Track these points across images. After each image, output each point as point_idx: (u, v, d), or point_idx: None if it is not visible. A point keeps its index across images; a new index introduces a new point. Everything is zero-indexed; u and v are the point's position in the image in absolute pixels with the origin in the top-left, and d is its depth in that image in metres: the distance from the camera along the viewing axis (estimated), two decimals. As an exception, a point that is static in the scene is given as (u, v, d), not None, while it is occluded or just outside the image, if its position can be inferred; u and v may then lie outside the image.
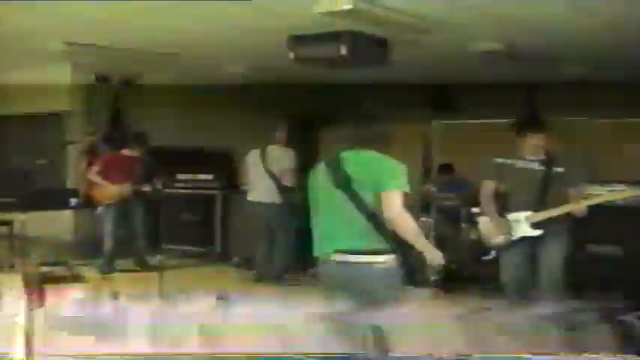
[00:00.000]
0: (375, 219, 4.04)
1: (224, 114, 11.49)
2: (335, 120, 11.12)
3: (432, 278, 6.99)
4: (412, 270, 4.14)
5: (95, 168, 8.58)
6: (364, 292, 4.12)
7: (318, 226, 4.29)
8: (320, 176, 4.28)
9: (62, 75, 9.96)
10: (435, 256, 4.13)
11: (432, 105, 12.31)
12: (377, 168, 4.10)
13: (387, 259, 4.07)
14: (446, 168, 9.37)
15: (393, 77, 10.57)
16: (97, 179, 8.51)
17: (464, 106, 11.87)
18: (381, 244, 4.06)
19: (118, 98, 10.08)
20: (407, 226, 4.00)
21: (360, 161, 4.15)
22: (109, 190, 8.46)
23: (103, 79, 9.90)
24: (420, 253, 4.10)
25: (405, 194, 4.04)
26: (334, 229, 4.18)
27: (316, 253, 4.30)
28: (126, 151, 8.66)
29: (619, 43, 7.77)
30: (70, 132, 10.04)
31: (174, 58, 9.36)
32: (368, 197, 4.05)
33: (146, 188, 8.38)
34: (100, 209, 8.59)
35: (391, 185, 4.02)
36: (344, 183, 4.09)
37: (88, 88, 9.87)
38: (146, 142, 8.73)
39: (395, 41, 7.40)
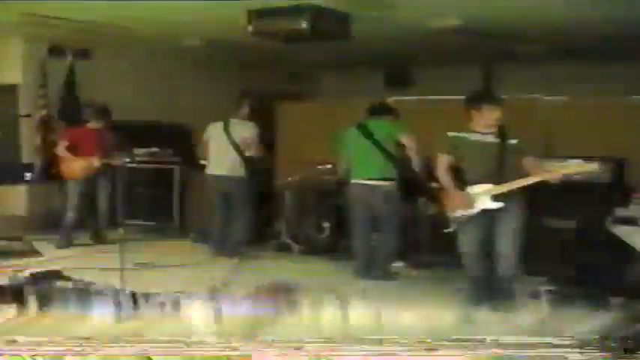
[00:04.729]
0: (389, 157, 6.85)
1: (181, 88, 11.39)
2: (290, 94, 11.24)
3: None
4: (406, 192, 7.05)
5: (64, 143, 8.48)
6: (374, 203, 6.89)
7: (352, 164, 7.03)
8: (353, 134, 7.02)
9: (15, 47, 9.76)
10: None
11: (388, 81, 12.36)
12: (391, 127, 7.01)
13: (391, 184, 6.88)
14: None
15: (350, 53, 10.59)
16: (65, 154, 8.42)
17: (419, 83, 11.96)
18: (390, 174, 6.86)
19: (73, 71, 9.91)
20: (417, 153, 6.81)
21: (378, 124, 7.01)
22: (78, 165, 8.38)
23: (56, 51, 9.73)
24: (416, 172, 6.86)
25: None
26: (362, 164, 6.93)
27: (350, 179, 7.02)
28: (93, 125, 8.55)
29: (578, 20, 7.88)
30: (24, 105, 9.83)
31: (130, 32, 9.23)
32: (386, 144, 6.86)
33: (116, 162, 8.33)
34: (68, 184, 8.50)
35: (405, 132, 6.89)
36: (370, 136, 6.91)
37: (42, 61, 9.67)
38: (110, 116, 8.66)
39: (355, 16, 7.41)
